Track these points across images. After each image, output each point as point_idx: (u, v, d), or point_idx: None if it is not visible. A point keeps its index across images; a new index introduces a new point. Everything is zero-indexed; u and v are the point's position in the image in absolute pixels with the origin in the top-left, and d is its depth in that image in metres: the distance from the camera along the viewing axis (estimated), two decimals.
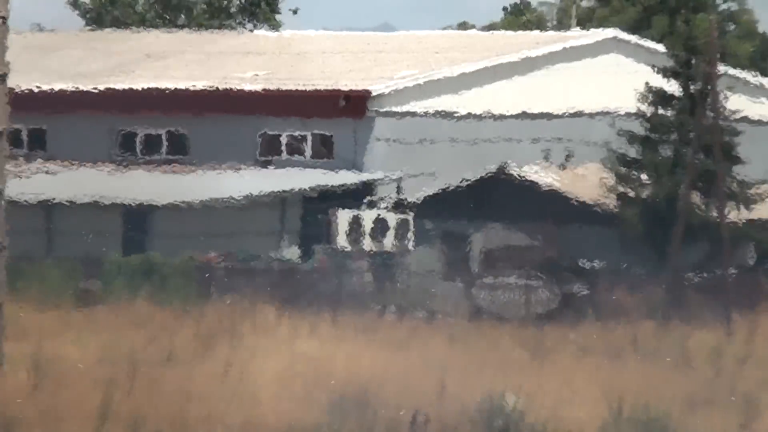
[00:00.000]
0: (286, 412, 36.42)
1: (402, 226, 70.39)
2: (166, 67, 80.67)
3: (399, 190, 73.35)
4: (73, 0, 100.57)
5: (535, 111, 77.02)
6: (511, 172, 73.58)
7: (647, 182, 71.68)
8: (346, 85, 76.75)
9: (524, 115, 76.69)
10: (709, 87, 71.18)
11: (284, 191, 72.78)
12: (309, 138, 76.83)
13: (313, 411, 36.82)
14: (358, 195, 72.53)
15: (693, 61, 73.41)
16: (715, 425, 36.14)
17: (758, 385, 42.03)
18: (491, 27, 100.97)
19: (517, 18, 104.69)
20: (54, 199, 66.77)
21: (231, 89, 77.85)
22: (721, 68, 73.80)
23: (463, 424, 34.91)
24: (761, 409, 37.58)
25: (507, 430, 35.31)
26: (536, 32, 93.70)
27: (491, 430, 35.32)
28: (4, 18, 47.36)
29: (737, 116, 71.44)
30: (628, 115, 72.80)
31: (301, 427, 34.61)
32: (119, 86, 78.31)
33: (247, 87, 78.03)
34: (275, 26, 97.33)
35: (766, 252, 72.76)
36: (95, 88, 77.59)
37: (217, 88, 77.87)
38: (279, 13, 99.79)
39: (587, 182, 73.00)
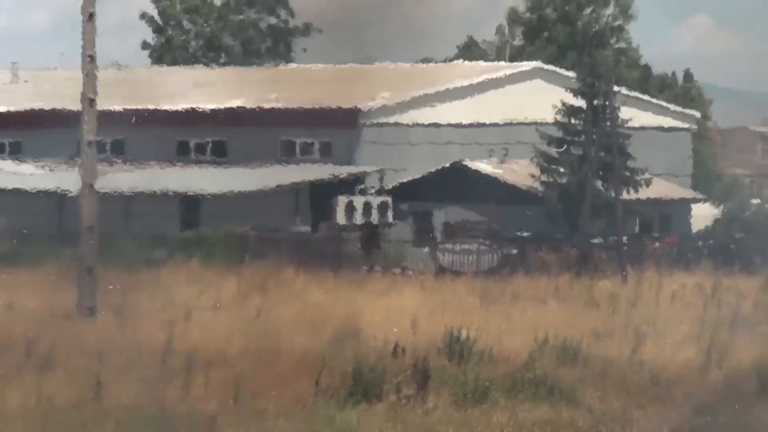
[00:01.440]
0: (300, 342, 36.36)
1: (383, 206, 70.58)
2: (210, 93, 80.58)
3: (381, 179, 73.42)
4: (144, 42, 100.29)
5: (482, 121, 77.23)
6: (465, 165, 73.88)
7: (563, 173, 72.00)
8: (341, 104, 76.74)
9: (474, 125, 76.86)
10: (607, 103, 71.50)
11: (297, 182, 72.83)
12: (316, 143, 76.86)
13: (320, 341, 36.78)
14: (351, 184, 72.68)
15: (595, 84, 73.62)
16: (613, 350, 36.02)
17: (644, 320, 42.03)
18: (447, 60, 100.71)
19: (467, 53, 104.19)
20: (130, 190, 66.71)
21: (258, 107, 77.75)
22: (615, 89, 74.09)
23: (431, 351, 34.78)
24: (646, 338, 37.50)
25: (462, 354, 35.20)
26: (481, 63, 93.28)
27: (451, 354, 35.25)
28: (92, 57, 47.37)
29: (627, 124, 71.88)
30: (549, 124, 72.99)
31: (311, 353, 34.44)
32: (177, 107, 78.22)
33: (270, 106, 77.89)
34: (290, 61, 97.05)
35: (649, 222, 72.92)
36: (159, 108, 77.59)
37: (248, 107, 77.77)
38: (293, 51, 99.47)
39: (520, 173, 73.36)
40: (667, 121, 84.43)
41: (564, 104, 73.23)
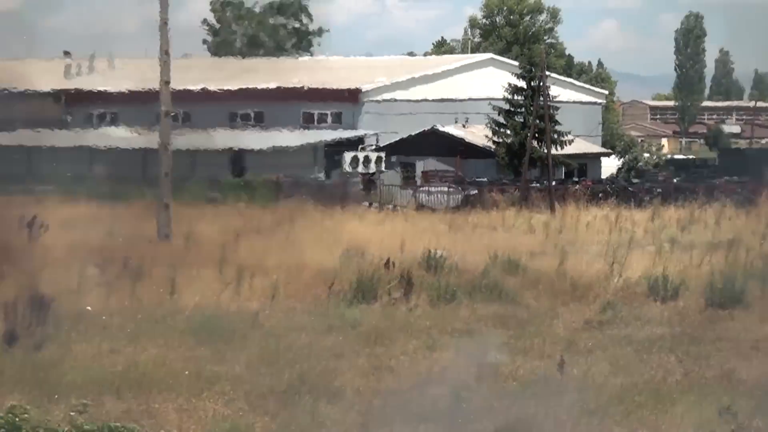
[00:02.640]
0: (318, 259, 36.26)
1: (378, 159, 70.35)
2: (252, 77, 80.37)
3: (377, 140, 73.25)
4: (204, 41, 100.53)
5: (450, 97, 77.06)
6: (438, 129, 73.78)
7: (509, 135, 71.81)
8: (348, 85, 76.69)
9: (444, 100, 76.62)
10: (540, 84, 71.19)
11: (316, 142, 72.76)
12: (329, 113, 76.78)
13: (334, 258, 36.70)
14: (355, 143, 72.56)
15: (532, 70, 73.39)
16: (545, 265, 35.93)
17: (567, 242, 41.94)
18: (425, 54, 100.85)
19: (439, 48, 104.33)
20: (194, 147, 66.59)
21: (287, 87, 77.60)
22: (547, 74, 73.94)
23: (413, 265, 34.75)
24: (569, 256, 37.46)
25: (437, 267, 35.17)
26: (450, 55, 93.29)
27: (428, 267, 35.22)
28: (167, 51, 47.97)
29: (555, 99, 71.69)
30: (499, 99, 72.72)
31: (327, 267, 34.41)
32: (229, 87, 78.03)
33: (295, 86, 77.81)
34: (309, 54, 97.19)
35: (571, 170, 72.82)
36: (218, 89, 77.48)
37: (280, 87, 77.61)
38: (312, 46, 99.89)
39: (478, 135, 73.15)
40: (584, 97, 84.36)
41: (510, 85, 73.00)
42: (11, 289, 28.37)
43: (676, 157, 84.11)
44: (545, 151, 69.47)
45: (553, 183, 65.96)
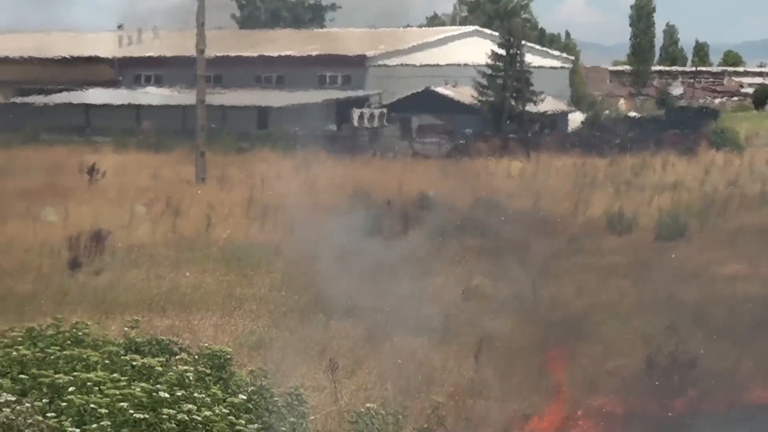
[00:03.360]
0: (331, 198, 36.19)
1: (381, 115, 69.98)
2: (274, 46, 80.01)
3: (379, 99, 72.95)
4: (233, 15, 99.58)
5: (441, 63, 76.56)
6: (431, 89, 73.42)
7: (491, 94, 71.30)
8: (354, 52, 76.35)
9: (436, 65, 76.21)
10: (518, 51, 70.96)
11: (328, 100, 72.40)
12: (339, 76, 76.47)
13: (344, 197, 36.64)
14: (361, 101, 72.23)
15: (510, 40, 72.81)
16: (521, 204, 35.86)
17: (541, 185, 41.81)
18: (420, 26, 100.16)
19: (432, 21, 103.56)
20: (226, 104, 66.45)
21: (304, 55, 77.36)
22: (523, 43, 73.83)
23: (410, 204, 34.76)
24: (543, 195, 37.36)
25: (429, 206, 35.14)
26: (440, 28, 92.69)
27: (422, 206, 35.19)
28: (202, 23, 48.07)
29: (530, 65, 71.47)
30: (482, 65, 72.16)
31: (340, 204, 34.38)
32: (254, 54, 77.75)
33: (311, 53, 77.54)
34: (323, 27, 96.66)
35: (543, 124, 72.55)
36: (244, 55, 77.15)
37: (297, 54, 77.33)
38: (325, 20, 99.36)
39: (465, 94, 72.59)
40: (554, 63, 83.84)
41: (492, 53, 72.41)
42: (74, 223, 28.48)
43: (630, 114, 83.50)
44: (521, 108, 69.56)
45: (528, 135, 65.84)
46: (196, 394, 11.85)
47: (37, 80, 77.88)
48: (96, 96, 74.19)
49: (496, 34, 77.35)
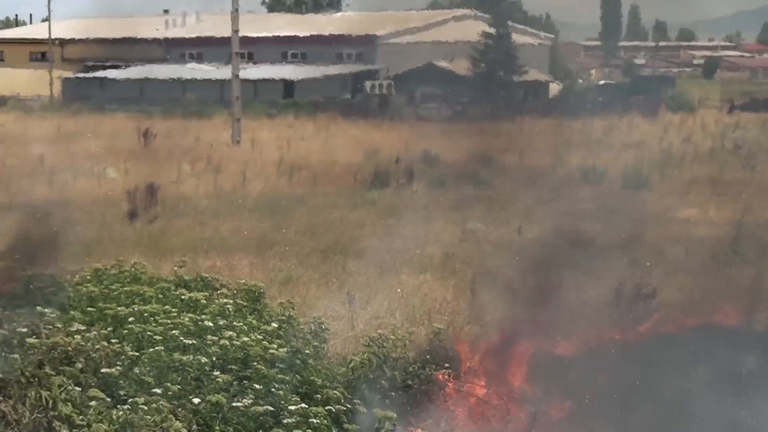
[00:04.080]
0: (347, 157, 36.14)
1: (389, 86, 69.70)
2: (298, 27, 79.63)
3: (388, 71, 72.60)
4: (263, 1, 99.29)
5: (441, 40, 76.05)
6: (432, 63, 72.96)
7: (483, 67, 70.81)
8: (366, 32, 75.92)
9: (436, 42, 75.71)
10: (505, 31, 70.93)
11: (344, 73, 72.13)
12: (353, 53, 76.02)
13: (358, 156, 36.55)
14: (372, 74, 71.91)
15: (499, 21, 72.43)
16: (510, 159, 35.59)
17: (525, 142, 41.51)
18: (421, 10, 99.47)
19: (433, 5, 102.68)
20: (256, 78, 66.24)
21: (323, 34, 76.93)
22: (509, 24, 73.43)
23: (414, 160, 34.63)
24: (526, 152, 37.07)
25: (433, 161, 35.13)
26: (440, 10, 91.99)
27: (425, 161, 35.10)
28: (237, 9, 48.12)
29: (515, 42, 71.15)
30: (475, 42, 71.67)
31: (352, 162, 34.34)
32: (280, 34, 77.42)
33: (329, 33, 77.12)
34: (339, 11, 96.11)
35: (527, 93, 72.11)
36: (271, 35, 76.81)
37: (318, 34, 76.91)
38: (341, 5, 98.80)
39: (461, 66, 71.97)
40: (536, 41, 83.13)
41: (484, 32, 71.92)
42: (132, 180, 28.46)
43: (601, 82, 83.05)
44: (508, 78, 69.26)
45: (515, 101, 65.58)
46: (234, 323, 11.87)
47: (100, 58, 77.95)
48: (148, 71, 74.07)
49: (488, 16, 76.83)
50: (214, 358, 10.88)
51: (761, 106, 58.32)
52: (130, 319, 11.84)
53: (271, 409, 10.06)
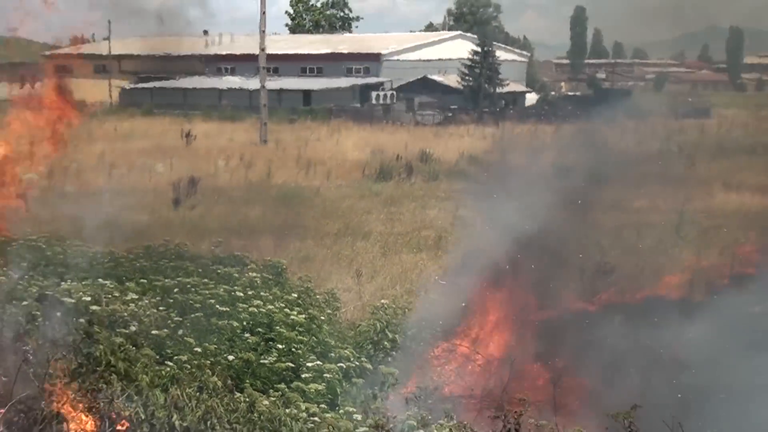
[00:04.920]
0: (356, 155, 36.05)
1: (391, 96, 69.31)
2: (316, 46, 79.27)
3: (391, 84, 72.22)
4: (286, 24, 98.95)
5: (435, 58, 75.70)
6: (427, 77, 72.63)
7: (471, 80, 70.52)
8: (372, 50, 75.61)
9: (431, 60, 75.33)
10: (489, 49, 70.45)
11: (354, 84, 71.76)
12: (362, 68, 75.64)
13: (365, 154, 36.48)
14: (377, 86, 71.56)
15: (484, 42, 72.10)
16: (492, 157, 35.46)
17: (506, 144, 41.48)
18: (419, 31, 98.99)
19: (429, 28, 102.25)
20: (280, 88, 65.99)
21: (336, 52, 76.62)
22: (493, 43, 73.07)
23: (412, 157, 34.60)
24: (507, 151, 36.97)
25: (427, 159, 34.95)
26: (435, 32, 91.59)
27: (422, 160, 35.00)
28: (263, 30, 48.02)
29: (498, 59, 70.81)
30: (465, 59, 71.34)
31: (361, 159, 34.26)
32: (300, 52, 77.11)
33: (340, 51, 76.86)
34: (350, 32, 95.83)
35: (508, 102, 71.82)
36: (292, 53, 76.56)
37: (330, 52, 76.63)
38: (351, 27, 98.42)
39: (452, 80, 71.53)
40: (516, 58, 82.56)
41: (471, 50, 71.64)
42: (176, 173, 28.41)
43: (569, 93, 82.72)
44: (492, 89, 69.02)
45: (497, 109, 65.36)
46: (261, 293, 11.89)
47: (150, 70, 77.84)
48: (190, 82, 73.98)
49: (475, 37, 76.54)
50: (244, 323, 10.91)
51: (700, 114, 58.13)
52: (175, 289, 11.87)
53: (292, 365, 10.09)
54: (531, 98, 76.71)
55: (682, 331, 12.03)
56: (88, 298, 10.61)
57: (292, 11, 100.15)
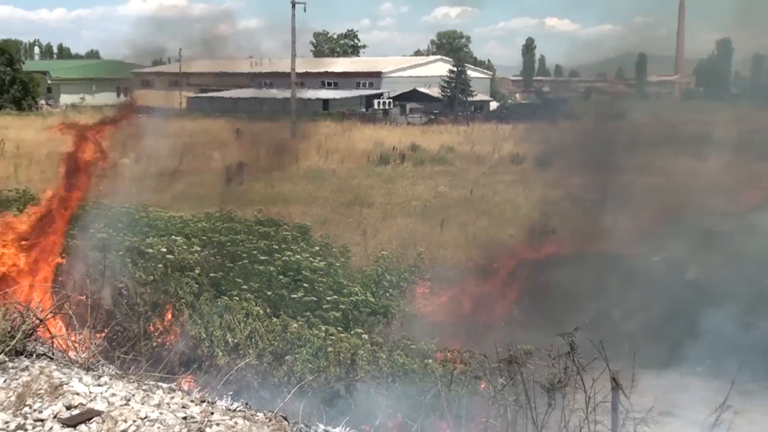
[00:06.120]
0: (362, 146, 35.74)
1: (389, 103, 68.49)
2: (333, 66, 78.47)
3: (389, 94, 71.58)
4: (311, 51, 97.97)
5: (422, 75, 75.05)
6: (416, 89, 71.87)
7: (449, 91, 69.87)
8: (375, 69, 74.91)
9: (419, 77, 74.68)
10: (462, 69, 69.77)
11: (361, 95, 71.16)
12: (367, 82, 74.99)
13: (369, 145, 36.14)
14: (379, 96, 70.87)
15: (459, 63, 71.45)
16: (465, 149, 35.40)
17: (475, 139, 41.10)
18: (410, 55, 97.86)
19: (417, 53, 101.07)
20: (306, 97, 65.42)
21: (348, 71, 75.94)
22: (465, 65, 72.33)
23: (404, 148, 34.31)
24: (476, 143, 36.80)
25: (415, 149, 34.58)
26: (421, 57, 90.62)
27: (411, 149, 34.70)
28: (294, 54, 47.29)
29: (469, 76, 70.20)
30: (444, 76, 70.75)
31: (367, 149, 33.98)
32: (322, 70, 76.43)
33: (352, 70, 76.16)
34: (359, 55, 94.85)
35: (476, 108, 70.96)
36: (314, 71, 75.84)
37: (344, 71, 75.97)
38: (359, 52, 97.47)
39: (434, 91, 70.88)
40: (482, 75, 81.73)
41: (449, 70, 70.97)
42: (228, 159, 28.11)
43: (522, 102, 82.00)
44: (464, 99, 68.53)
45: (468, 113, 64.87)
46: (291, 247, 11.81)
47: (210, 84, 77.47)
48: (239, 93, 73.49)
49: (451, 60, 75.75)
50: (279, 268, 10.85)
51: (616, 117, 58.01)
52: (228, 244, 11.79)
53: (315, 299, 10.05)
54: (493, 105, 76.17)
55: (596, 273, 12.07)
56: (165, 250, 10.57)
57: (315, 41, 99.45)
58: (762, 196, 17.26)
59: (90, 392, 4.07)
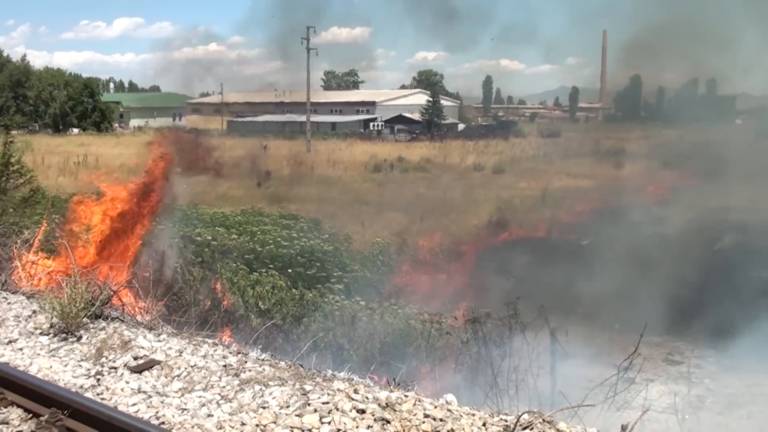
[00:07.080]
0: (361, 158, 35.48)
1: (382, 125, 67.98)
2: (339, 98, 77.90)
3: (381, 118, 70.98)
4: (321, 85, 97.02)
5: (406, 104, 74.54)
6: (402, 115, 71.28)
7: (428, 116, 69.22)
8: (371, 99, 74.38)
9: (405, 105, 74.13)
10: (437, 99, 69.42)
11: (360, 120, 70.69)
12: (364, 109, 74.59)
13: (366, 157, 35.91)
14: (374, 119, 70.44)
15: (434, 95, 70.93)
16: (439, 160, 35.12)
17: (447, 152, 40.81)
18: (398, 89, 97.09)
19: (403, 87, 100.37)
20: (319, 121, 64.86)
21: (350, 101, 75.38)
22: (439, 96, 71.86)
23: (394, 160, 34.08)
24: (448, 156, 36.58)
25: (402, 160, 34.40)
26: (406, 90, 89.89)
27: (399, 160, 34.45)
28: (308, 85, 46.60)
29: (442, 105, 69.77)
30: (424, 104, 70.29)
31: (364, 160, 33.76)
32: (329, 100, 75.85)
33: (353, 99, 75.60)
34: (359, 88, 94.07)
35: (448, 129, 70.53)
36: (326, 101, 75.22)
37: (345, 100, 75.36)
38: (359, 86, 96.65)
39: (416, 116, 70.32)
40: (452, 103, 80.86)
41: (427, 100, 70.48)
42: (258, 168, 27.95)
43: (483, 123, 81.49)
44: (439, 122, 68.12)
45: (442, 133, 64.50)
46: (307, 235, 11.77)
47: (244, 111, 76.95)
48: (266, 117, 72.93)
49: (428, 92, 75.35)
50: (297, 251, 10.82)
51: (555, 135, 57.87)
52: (258, 232, 11.74)
53: (324, 275, 10.02)
54: (461, 126, 75.95)
55: (539, 254, 12.05)
56: (209, 237, 10.52)
57: (324, 77, 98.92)
58: (663, 194, 17.40)
59: (152, 346, 4.22)
